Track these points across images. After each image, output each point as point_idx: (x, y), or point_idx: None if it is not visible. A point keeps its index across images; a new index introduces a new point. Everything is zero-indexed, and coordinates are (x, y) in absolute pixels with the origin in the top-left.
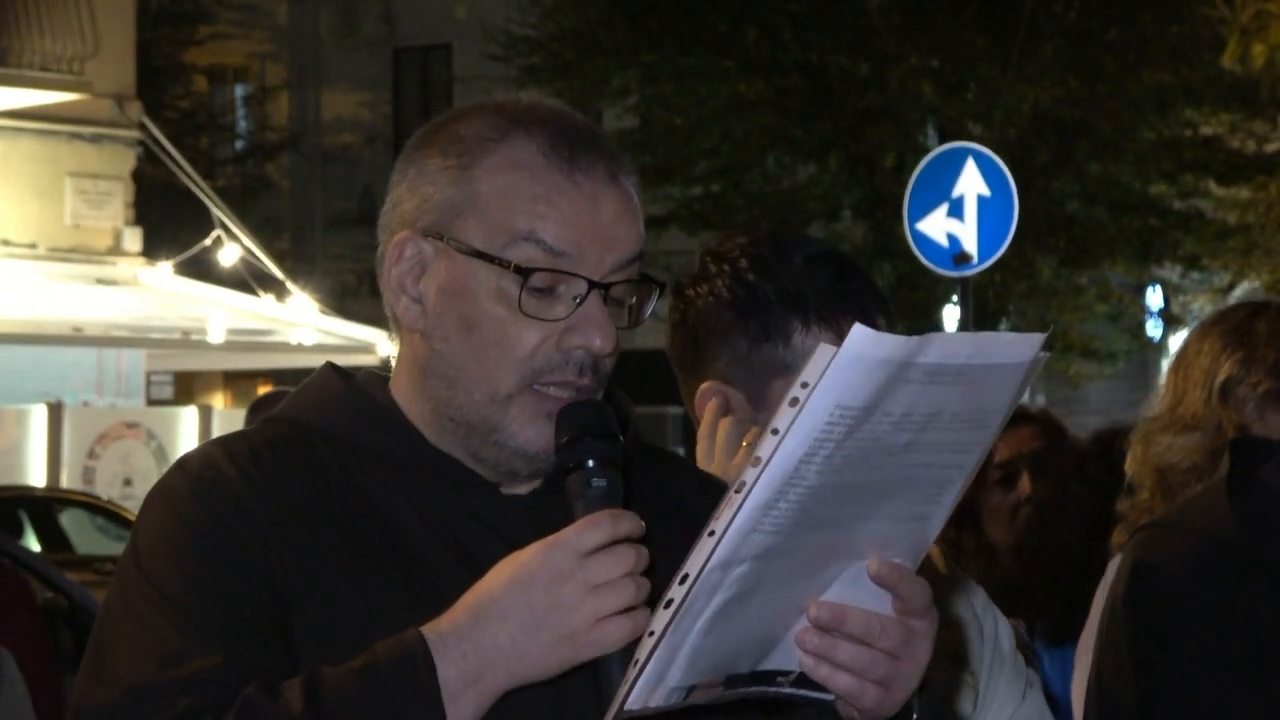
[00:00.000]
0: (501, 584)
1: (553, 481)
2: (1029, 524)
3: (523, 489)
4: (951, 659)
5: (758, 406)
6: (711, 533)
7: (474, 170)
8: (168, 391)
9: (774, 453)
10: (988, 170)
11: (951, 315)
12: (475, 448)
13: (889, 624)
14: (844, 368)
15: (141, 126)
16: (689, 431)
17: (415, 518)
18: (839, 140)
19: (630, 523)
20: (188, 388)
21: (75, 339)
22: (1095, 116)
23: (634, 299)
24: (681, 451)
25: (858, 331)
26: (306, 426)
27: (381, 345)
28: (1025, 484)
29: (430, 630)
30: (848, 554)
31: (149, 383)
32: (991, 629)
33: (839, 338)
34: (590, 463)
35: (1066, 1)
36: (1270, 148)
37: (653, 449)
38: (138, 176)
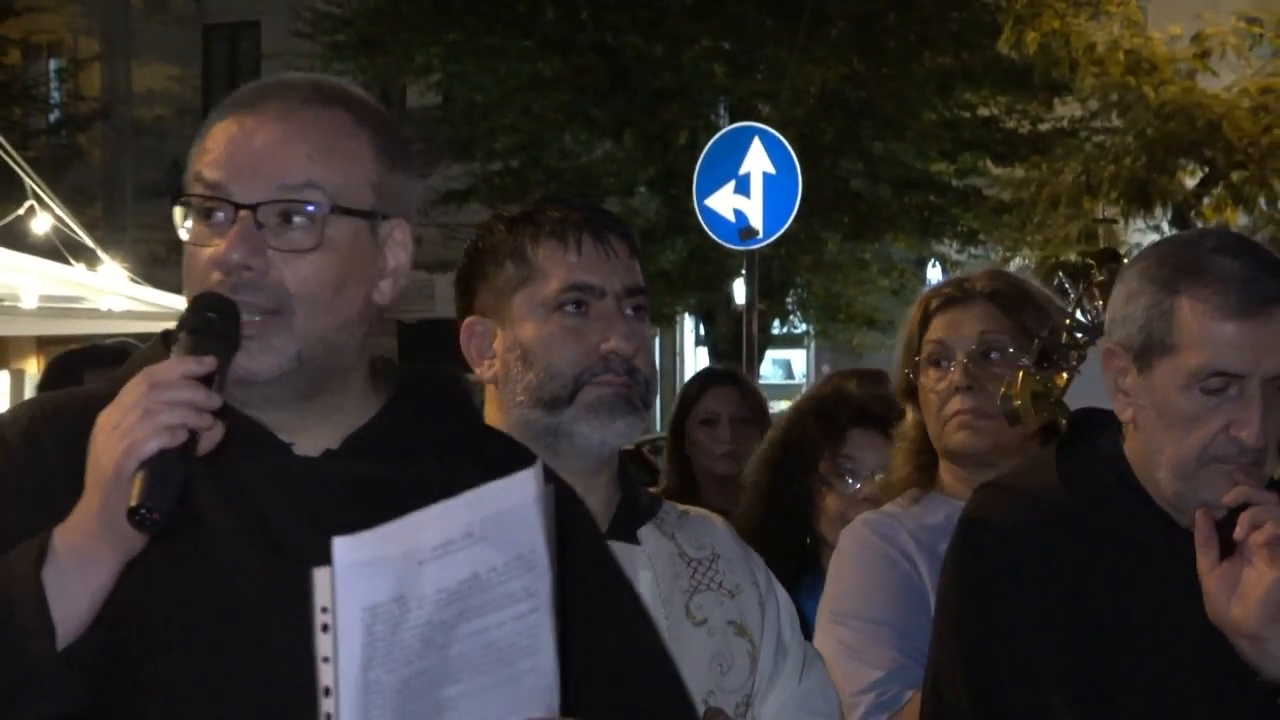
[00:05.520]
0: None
1: (349, 443)
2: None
3: (313, 450)
4: (733, 626)
5: (506, 326)
6: None
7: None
8: None
9: (337, 677)
10: (773, 149)
11: (740, 288)
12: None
13: None
14: (347, 579)
15: None
16: None
17: (209, 479)
18: (634, 118)
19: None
20: (1, 353)
21: None
22: (879, 97)
23: (312, 224)
24: None
25: (339, 543)
26: None
27: None
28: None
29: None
30: None
31: None
32: (774, 604)
33: (569, 249)
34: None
35: None
36: (1044, 128)
37: (497, 436)
38: None
